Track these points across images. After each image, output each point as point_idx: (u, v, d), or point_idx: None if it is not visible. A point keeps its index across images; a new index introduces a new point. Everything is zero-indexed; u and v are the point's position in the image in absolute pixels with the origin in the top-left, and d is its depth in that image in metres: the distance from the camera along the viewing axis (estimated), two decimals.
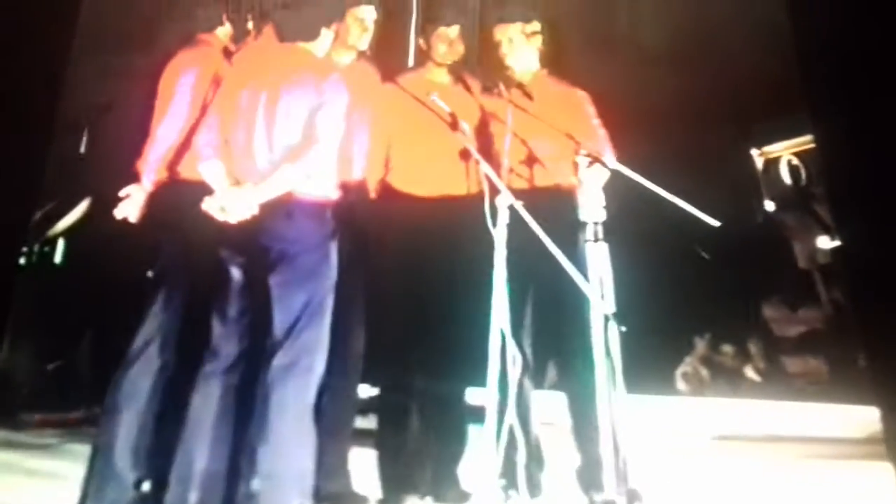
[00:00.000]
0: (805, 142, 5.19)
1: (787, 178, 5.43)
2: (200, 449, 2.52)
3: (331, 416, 2.77)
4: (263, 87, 2.70)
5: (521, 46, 3.24)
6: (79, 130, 4.29)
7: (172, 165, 2.83)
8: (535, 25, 3.27)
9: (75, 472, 2.66)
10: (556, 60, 3.35)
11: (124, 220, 2.85)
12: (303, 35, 2.80)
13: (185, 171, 2.78)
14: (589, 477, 2.87)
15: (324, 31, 2.82)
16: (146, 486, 2.66)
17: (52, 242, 4.09)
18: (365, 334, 3.03)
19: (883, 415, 2.97)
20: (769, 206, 5.46)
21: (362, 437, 3.10)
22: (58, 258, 4.11)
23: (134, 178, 2.87)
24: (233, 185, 2.62)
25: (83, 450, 2.70)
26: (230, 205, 2.56)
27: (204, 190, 2.63)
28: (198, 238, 2.63)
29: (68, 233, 4.08)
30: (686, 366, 5.30)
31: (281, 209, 2.60)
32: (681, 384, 5.25)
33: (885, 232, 3.01)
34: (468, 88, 3.32)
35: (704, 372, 5.28)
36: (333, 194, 2.75)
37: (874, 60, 3.12)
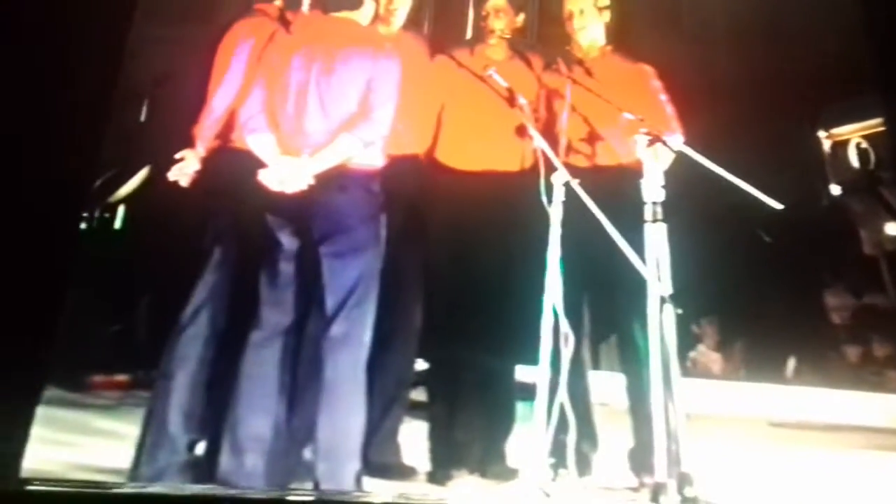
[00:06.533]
0: (875, 125, 5.00)
1: (855, 161, 5.25)
2: (251, 415, 2.55)
3: (383, 389, 2.78)
4: (314, 58, 2.72)
5: (591, 19, 3.22)
6: (139, 99, 4.34)
7: (225, 134, 2.85)
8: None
9: (134, 431, 2.70)
10: (621, 36, 3.30)
11: (183, 188, 2.88)
12: (347, 4, 2.81)
13: (238, 140, 2.80)
14: (640, 459, 2.86)
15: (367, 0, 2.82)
16: (200, 449, 2.70)
17: (113, 209, 4.18)
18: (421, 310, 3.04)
19: None
20: (835, 189, 5.31)
21: (414, 409, 3.11)
22: (118, 224, 4.20)
23: (192, 145, 2.90)
24: (284, 156, 2.64)
25: (141, 411, 2.74)
26: (288, 176, 2.59)
27: (254, 159, 2.65)
28: (248, 206, 2.65)
29: (128, 199, 4.16)
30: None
31: (335, 181, 2.62)
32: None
33: None
34: (529, 64, 3.28)
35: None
36: (380, 162, 2.74)
37: None
